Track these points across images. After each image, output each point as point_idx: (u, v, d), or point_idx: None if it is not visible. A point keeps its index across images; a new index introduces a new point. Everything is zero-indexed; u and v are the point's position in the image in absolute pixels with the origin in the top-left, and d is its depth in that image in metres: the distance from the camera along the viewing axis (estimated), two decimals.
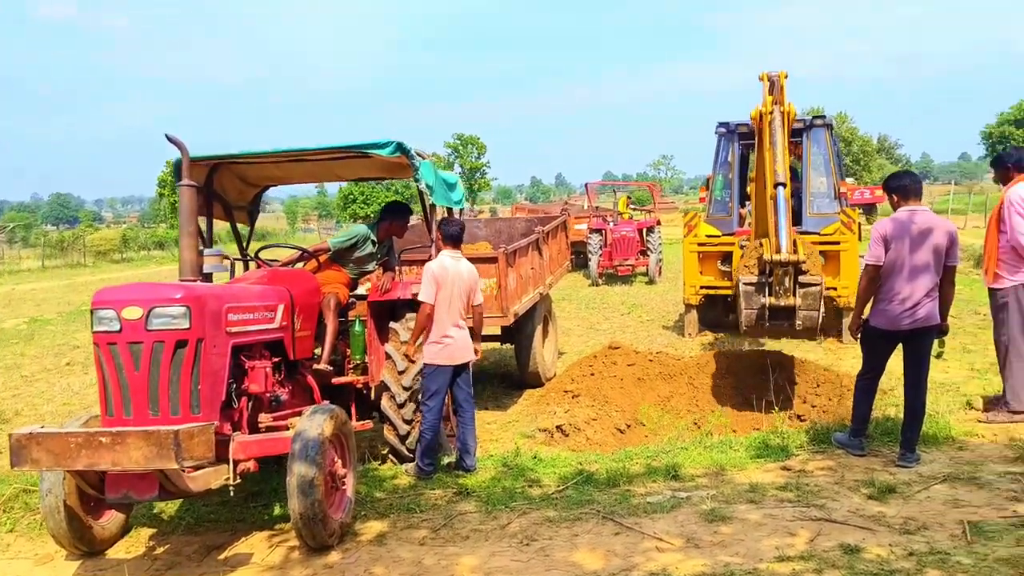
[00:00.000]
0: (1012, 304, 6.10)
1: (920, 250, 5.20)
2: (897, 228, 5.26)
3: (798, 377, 8.76)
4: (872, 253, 5.35)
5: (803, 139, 11.19)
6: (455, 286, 5.70)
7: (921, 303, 5.21)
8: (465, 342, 5.79)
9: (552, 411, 8.28)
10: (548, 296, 10.01)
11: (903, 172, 5.55)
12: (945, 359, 9.70)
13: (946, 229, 5.27)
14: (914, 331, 5.28)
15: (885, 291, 5.33)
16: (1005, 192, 6.21)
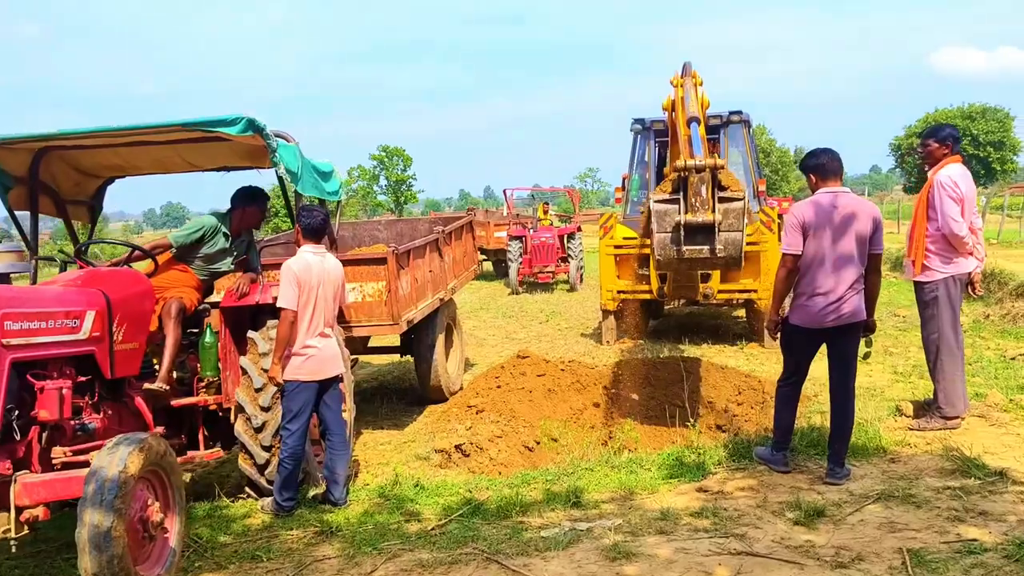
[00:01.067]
0: (942, 298, 5.54)
1: (843, 237, 4.60)
2: (817, 213, 4.66)
3: (718, 384, 8.18)
4: (789, 241, 4.73)
5: (720, 136, 10.69)
6: (321, 287, 4.87)
7: (846, 297, 4.62)
8: (332, 352, 4.97)
9: (453, 428, 7.48)
10: (452, 303, 9.22)
11: (821, 149, 4.91)
12: (869, 362, 9.32)
13: (870, 213, 4.69)
14: (839, 329, 4.68)
15: (805, 284, 4.71)
16: (933, 175, 5.59)
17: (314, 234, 4.97)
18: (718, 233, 5.37)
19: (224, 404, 5.17)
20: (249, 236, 5.74)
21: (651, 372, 8.39)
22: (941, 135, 5.64)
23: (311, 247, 4.94)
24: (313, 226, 4.96)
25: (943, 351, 5.55)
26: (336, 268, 5.06)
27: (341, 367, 5.05)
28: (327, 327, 4.94)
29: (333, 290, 4.97)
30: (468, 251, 9.82)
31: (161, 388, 4.71)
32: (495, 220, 21.80)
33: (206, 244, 5.41)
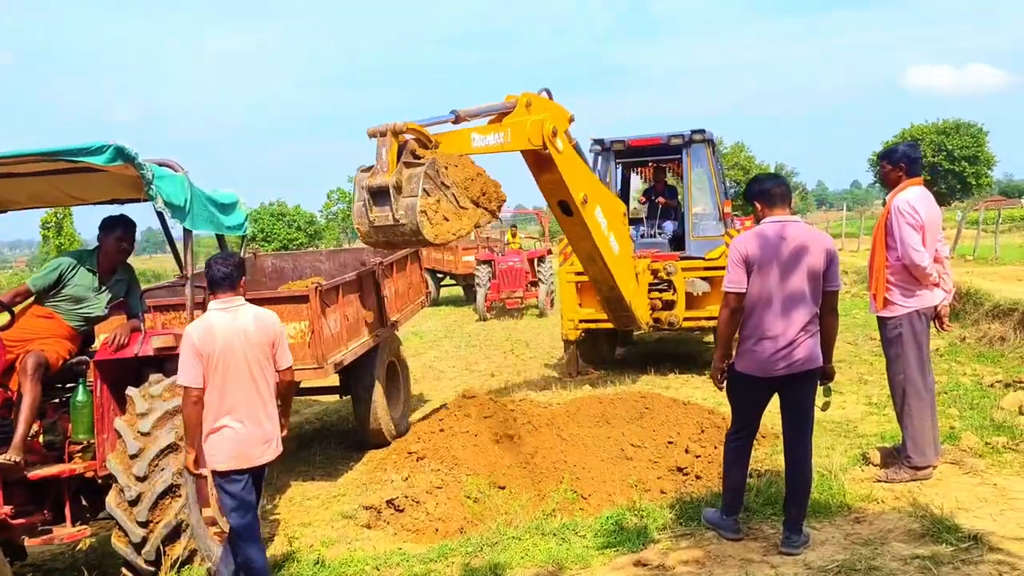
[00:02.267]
0: (907, 335, 5.00)
1: (793, 273, 4.04)
2: (762, 246, 4.09)
3: (680, 421, 7.57)
4: (731, 278, 4.18)
5: (683, 156, 10.18)
6: (236, 351, 3.95)
7: (798, 341, 4.05)
8: (264, 431, 4.00)
9: (389, 479, 6.84)
10: (394, 338, 8.61)
11: (765, 175, 4.43)
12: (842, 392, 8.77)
13: (823, 244, 4.13)
14: (792, 377, 4.11)
15: (752, 327, 4.15)
16: (890, 199, 5.08)
17: (220, 286, 4.05)
18: (398, 198, 5.36)
19: (100, 472, 4.52)
20: (128, 276, 5.10)
21: (608, 410, 7.79)
22: (894, 156, 5.11)
23: (219, 302, 4.05)
24: (215, 277, 4.05)
25: (910, 394, 5.01)
26: (258, 323, 4.05)
27: (271, 452, 4.07)
28: (255, 400, 3.99)
29: (255, 351, 3.99)
30: (414, 282, 9.22)
31: (11, 460, 4.06)
32: (463, 244, 21.21)
33: (68, 284, 4.78)
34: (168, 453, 4.38)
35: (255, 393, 3.97)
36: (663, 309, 9.78)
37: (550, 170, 7.57)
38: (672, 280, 9.71)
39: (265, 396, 4.03)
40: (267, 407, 4.04)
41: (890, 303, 5.03)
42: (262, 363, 4.01)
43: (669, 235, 10.64)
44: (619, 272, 8.68)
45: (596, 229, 8.14)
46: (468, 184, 5.84)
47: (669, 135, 10.04)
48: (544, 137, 7.27)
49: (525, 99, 7.30)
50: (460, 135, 6.60)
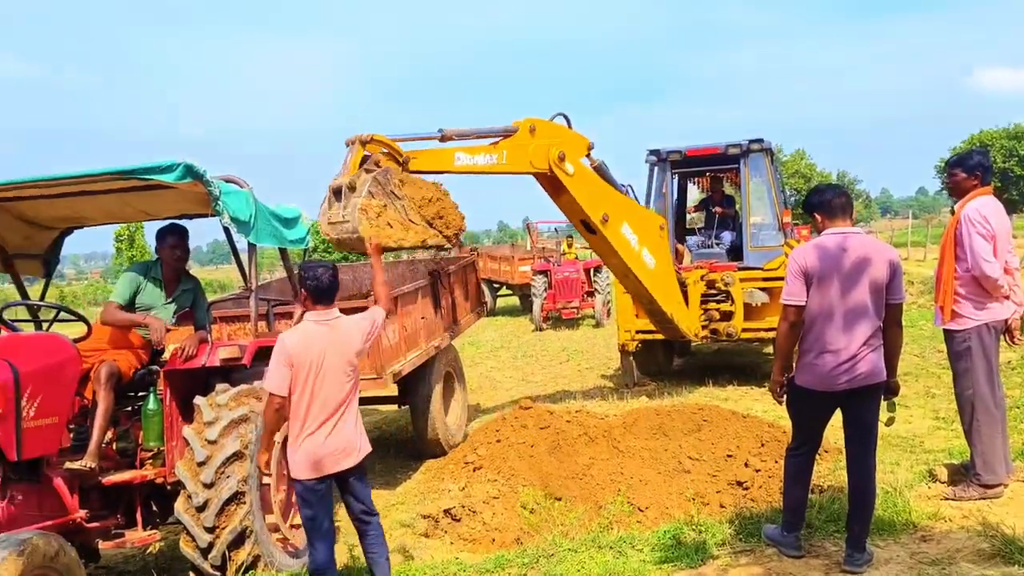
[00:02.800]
0: (975, 349, 4.80)
1: (855, 286, 3.96)
2: (822, 258, 4.03)
3: (740, 434, 7.46)
4: (790, 291, 4.11)
5: (740, 166, 10.07)
6: (326, 365, 3.93)
7: (860, 355, 3.96)
8: (340, 443, 3.99)
9: (446, 489, 6.90)
10: (452, 349, 8.69)
11: (826, 185, 4.34)
12: (909, 406, 8.53)
13: (886, 256, 4.03)
14: (854, 392, 4.02)
15: (812, 340, 4.08)
16: (960, 209, 4.89)
17: (322, 296, 4.02)
18: (349, 197, 5.69)
19: (168, 478, 4.67)
20: (193, 287, 5.27)
21: (665, 422, 7.71)
22: (969, 164, 4.90)
23: (316, 314, 4.02)
24: (316, 287, 4.00)
25: (979, 410, 4.84)
26: (348, 333, 4.07)
27: (356, 458, 4.07)
28: (339, 409, 4.00)
29: (348, 363, 4.02)
30: (471, 293, 9.30)
31: (86, 467, 4.23)
32: (519, 254, 21.30)
33: (139, 293, 4.98)
34: (233, 461, 4.50)
35: (342, 405, 4.00)
36: (721, 320, 9.67)
37: (564, 193, 7.88)
38: (730, 291, 9.60)
39: (352, 407, 4.07)
40: (351, 418, 4.06)
41: (958, 316, 4.85)
42: (351, 374, 4.04)
43: (727, 245, 10.52)
44: (656, 286, 8.74)
45: (623, 246, 8.31)
46: (423, 203, 6.08)
47: (727, 144, 9.94)
48: (550, 161, 7.60)
49: (529, 124, 7.60)
50: (442, 153, 6.96)
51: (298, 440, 3.95)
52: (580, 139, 8.09)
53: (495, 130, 7.47)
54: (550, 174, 7.69)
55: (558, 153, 7.63)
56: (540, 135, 7.64)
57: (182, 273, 5.24)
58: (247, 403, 4.70)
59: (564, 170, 7.72)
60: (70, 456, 4.32)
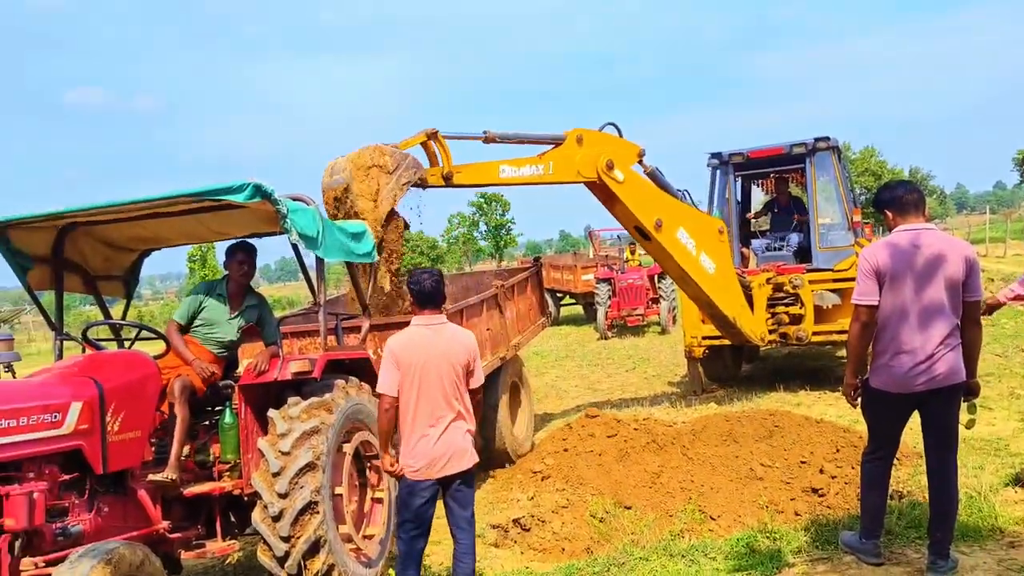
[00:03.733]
0: None
1: (930, 284, 3.85)
2: (895, 256, 3.92)
3: (813, 440, 7.29)
4: (862, 290, 4.02)
5: (806, 165, 9.87)
6: (432, 365, 4.06)
7: (938, 355, 3.84)
8: (452, 444, 4.08)
9: (515, 499, 6.92)
10: (517, 359, 8.72)
11: (897, 181, 4.23)
12: (992, 408, 8.21)
13: (962, 252, 3.90)
14: (933, 393, 3.89)
15: (887, 341, 3.97)
16: None
17: (427, 301, 4.17)
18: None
19: (245, 490, 4.80)
20: (259, 304, 5.40)
21: (735, 428, 7.59)
22: None
23: (422, 318, 4.18)
24: (422, 291, 4.15)
25: None
26: (458, 341, 4.19)
27: (466, 461, 4.16)
28: (447, 414, 4.09)
29: (451, 367, 4.09)
30: (534, 304, 9.31)
31: (168, 479, 4.38)
32: (582, 263, 21.24)
33: (202, 312, 5.14)
34: (306, 472, 4.60)
35: (448, 408, 4.08)
36: (790, 323, 9.47)
37: (615, 200, 7.93)
38: (799, 293, 9.39)
39: (458, 410, 4.12)
40: (459, 421, 4.12)
41: None
42: (456, 381, 4.11)
43: (794, 247, 10.31)
44: (715, 290, 8.65)
45: (679, 251, 8.30)
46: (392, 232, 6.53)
47: (791, 144, 9.76)
48: (599, 170, 7.66)
49: (576, 134, 7.66)
50: (486, 167, 7.11)
51: (410, 441, 4.08)
52: (630, 146, 8.13)
53: (542, 136, 7.55)
54: (600, 182, 7.74)
55: (606, 161, 7.68)
56: (588, 144, 7.70)
57: (247, 290, 5.38)
58: (318, 415, 4.80)
59: (613, 178, 7.77)
60: (152, 469, 4.48)
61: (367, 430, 5.21)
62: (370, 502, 5.37)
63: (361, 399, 5.21)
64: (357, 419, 5.16)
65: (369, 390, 5.24)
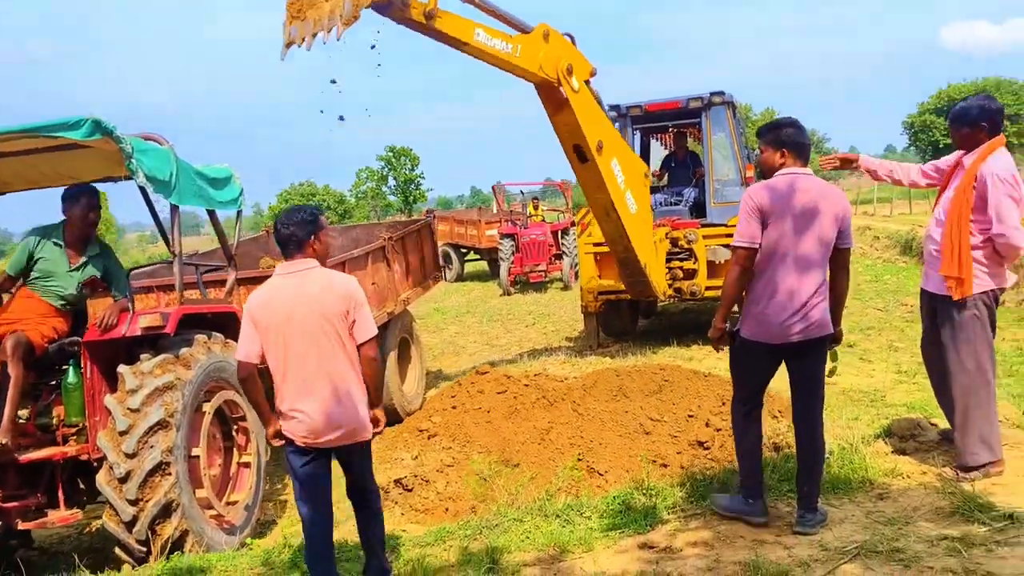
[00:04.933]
0: (982, 317, 4.25)
1: (808, 230, 3.72)
2: (775, 199, 3.76)
3: (701, 394, 7.31)
4: (744, 232, 3.80)
5: (702, 120, 9.83)
6: (298, 321, 3.41)
7: (812, 303, 3.74)
8: (334, 416, 3.43)
9: (399, 458, 6.70)
10: (407, 314, 8.45)
11: (785, 120, 3.94)
12: (871, 360, 8.44)
13: (837, 199, 3.78)
14: (804, 344, 3.82)
15: (762, 287, 3.81)
16: (978, 166, 4.15)
17: (285, 247, 3.51)
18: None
19: (93, 455, 4.41)
20: (105, 256, 4.93)
21: (626, 383, 7.55)
22: (970, 117, 4.23)
23: (283, 266, 3.53)
24: (279, 237, 3.53)
25: (979, 385, 4.26)
26: (332, 289, 3.46)
27: (358, 432, 3.51)
28: (323, 380, 3.42)
29: (325, 321, 3.41)
30: (428, 258, 9.02)
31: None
32: (486, 218, 21.02)
33: (38, 261, 4.66)
34: (157, 430, 4.26)
35: (325, 370, 3.42)
36: (684, 279, 9.50)
37: (564, 110, 7.50)
38: (693, 248, 9.41)
39: (341, 372, 3.44)
40: (342, 386, 3.44)
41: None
42: (334, 337, 3.43)
43: (690, 202, 10.32)
44: (634, 231, 8.44)
45: (612, 181, 8.02)
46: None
47: (688, 98, 9.70)
48: (559, 72, 7.27)
49: (543, 30, 7.23)
50: (466, 24, 6.48)
51: (284, 409, 3.46)
52: (586, 62, 7.81)
53: (514, 18, 7.05)
54: (557, 84, 7.33)
55: (567, 65, 7.34)
56: (553, 43, 7.31)
57: (91, 239, 4.90)
58: (173, 371, 4.44)
59: (570, 84, 7.41)
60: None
61: (232, 389, 4.87)
62: (236, 466, 5.05)
63: (226, 356, 4.86)
64: (220, 377, 4.81)
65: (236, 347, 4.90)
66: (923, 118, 60.56)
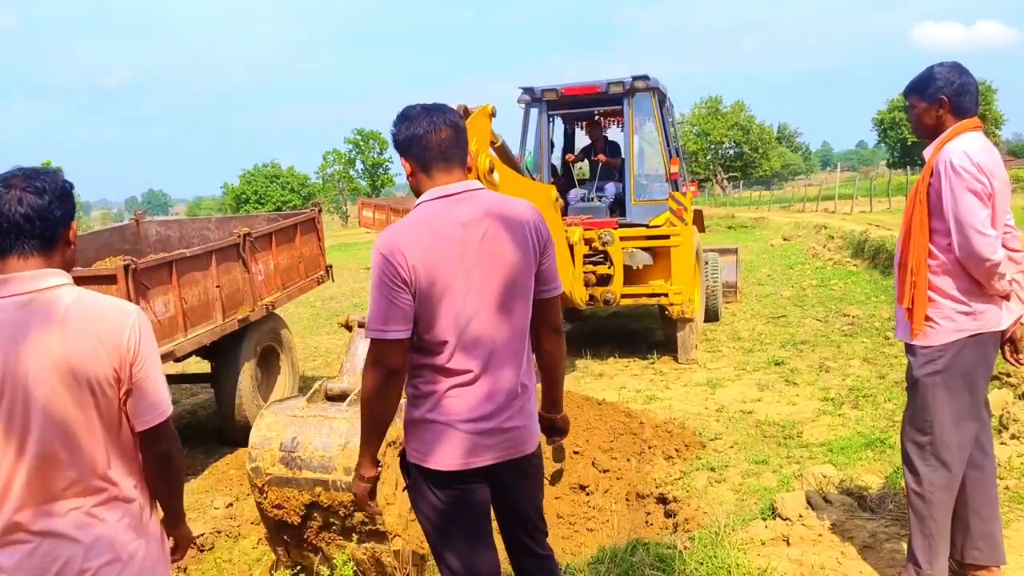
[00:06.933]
0: (950, 375, 3.00)
1: (490, 280, 2.30)
2: (430, 242, 2.25)
3: (592, 425, 6.34)
4: (380, 315, 2.23)
5: (624, 107, 8.81)
6: (22, 391, 1.87)
7: (515, 403, 2.35)
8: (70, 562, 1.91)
9: (211, 505, 5.63)
10: (275, 320, 7.40)
11: (418, 108, 2.38)
12: (798, 383, 7.48)
13: (524, 220, 2.37)
14: (509, 466, 2.38)
15: (427, 386, 2.32)
16: (934, 155, 3.00)
17: (10, 244, 1.92)
18: None
19: None
20: None
21: None
22: (929, 90, 3.04)
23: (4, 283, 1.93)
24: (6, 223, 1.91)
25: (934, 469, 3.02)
26: (86, 329, 1.92)
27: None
28: (74, 500, 1.92)
29: (72, 391, 1.89)
30: (306, 255, 7.93)
31: None
32: None
33: None
34: None
35: (77, 486, 1.93)
36: (598, 284, 8.50)
37: None
38: (608, 251, 8.41)
39: (106, 491, 1.96)
40: (112, 512, 1.97)
41: (930, 323, 3.02)
42: (90, 420, 1.93)
43: (611, 199, 9.30)
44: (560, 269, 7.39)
45: None
46: None
47: (608, 82, 8.66)
48: (481, 178, 5.61)
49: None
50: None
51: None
52: (483, 121, 5.90)
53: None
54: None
55: (488, 164, 5.71)
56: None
57: None
58: None
59: (493, 182, 5.80)
60: None
61: None
62: None
63: None
64: None
65: None
66: (892, 115, 60.32)
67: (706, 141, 61.69)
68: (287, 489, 3.61)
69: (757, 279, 14.81)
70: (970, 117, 3.03)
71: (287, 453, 3.59)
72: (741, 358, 8.63)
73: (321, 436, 3.56)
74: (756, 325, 10.36)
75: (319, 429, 3.59)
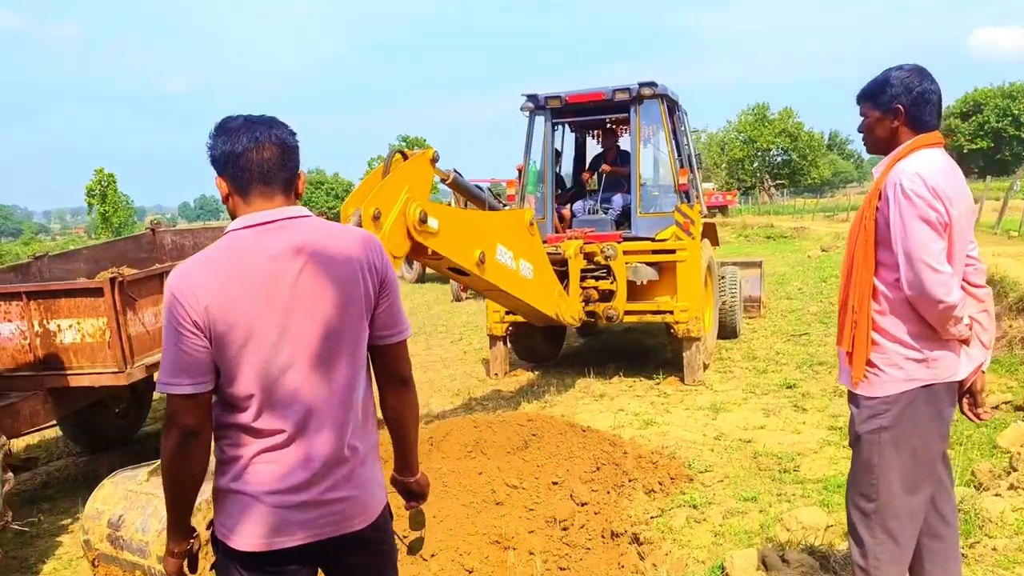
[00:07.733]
0: (898, 433, 2.58)
1: (311, 326, 1.97)
2: (231, 284, 1.92)
3: (575, 454, 5.93)
4: (174, 367, 1.90)
5: (631, 115, 8.38)
6: None
7: (345, 466, 2.03)
8: None
9: None
10: None
11: (237, 121, 2.02)
12: (806, 409, 6.92)
13: (350, 254, 2.03)
14: (342, 541, 2.05)
15: (231, 445, 1.99)
16: (883, 175, 2.60)
17: None
18: None
19: None
20: None
21: (484, 436, 6.14)
22: (883, 97, 2.64)
23: None
24: None
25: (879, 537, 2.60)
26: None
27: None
28: None
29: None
30: None
31: None
32: None
33: None
34: None
35: None
36: (600, 301, 8.07)
37: (437, 256, 5.80)
38: (611, 266, 7.98)
39: None
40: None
41: (875, 370, 2.62)
42: None
43: (617, 211, 8.86)
44: (536, 296, 7.06)
45: (504, 277, 6.55)
46: None
47: (614, 89, 8.25)
48: (410, 229, 5.30)
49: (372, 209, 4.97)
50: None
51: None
52: (423, 167, 5.58)
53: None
54: (414, 244, 5.42)
55: (417, 213, 5.27)
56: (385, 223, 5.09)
57: None
58: None
59: (429, 230, 5.43)
60: None
61: None
62: None
63: None
64: None
65: None
66: (947, 122, 58.44)
67: (752, 148, 60.52)
68: (113, 567, 3.42)
69: (787, 292, 14.19)
70: (930, 131, 2.62)
71: (113, 530, 3.44)
72: (752, 379, 8.10)
73: (144, 517, 3.36)
74: (775, 343, 9.79)
75: (144, 509, 3.39)
